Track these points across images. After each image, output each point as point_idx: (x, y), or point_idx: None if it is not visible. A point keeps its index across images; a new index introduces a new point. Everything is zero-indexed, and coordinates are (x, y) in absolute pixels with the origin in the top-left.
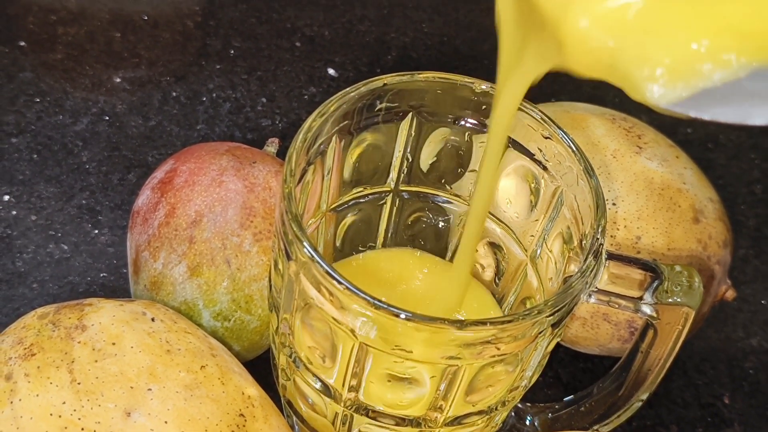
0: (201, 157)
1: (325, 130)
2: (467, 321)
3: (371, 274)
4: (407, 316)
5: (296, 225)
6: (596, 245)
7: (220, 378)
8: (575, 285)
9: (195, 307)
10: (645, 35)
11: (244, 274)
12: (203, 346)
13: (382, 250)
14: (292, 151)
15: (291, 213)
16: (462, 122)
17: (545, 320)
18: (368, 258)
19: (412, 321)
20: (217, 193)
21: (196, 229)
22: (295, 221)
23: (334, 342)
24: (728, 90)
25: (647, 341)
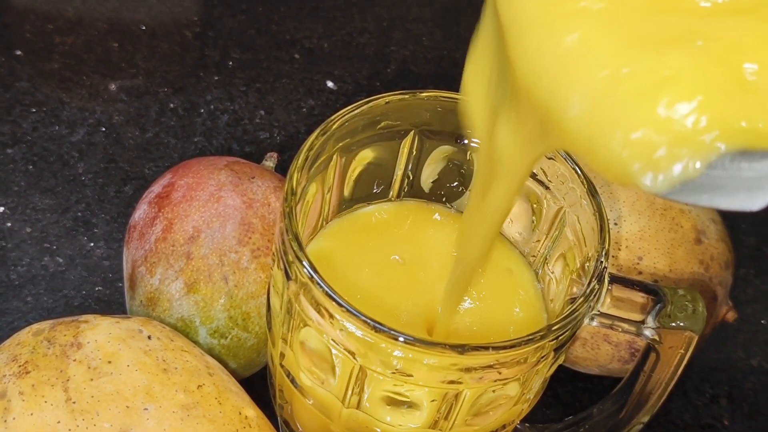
0: (199, 172)
1: (326, 148)
2: (468, 346)
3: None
4: (407, 339)
5: (296, 244)
6: (600, 269)
7: (217, 398)
8: (579, 309)
9: (192, 324)
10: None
11: (242, 291)
12: (200, 365)
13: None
14: (293, 169)
15: (291, 232)
16: (464, 141)
17: (548, 345)
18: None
19: (411, 345)
20: (215, 208)
21: (194, 245)
22: (295, 241)
23: (332, 363)
24: (721, 178)
25: (649, 364)
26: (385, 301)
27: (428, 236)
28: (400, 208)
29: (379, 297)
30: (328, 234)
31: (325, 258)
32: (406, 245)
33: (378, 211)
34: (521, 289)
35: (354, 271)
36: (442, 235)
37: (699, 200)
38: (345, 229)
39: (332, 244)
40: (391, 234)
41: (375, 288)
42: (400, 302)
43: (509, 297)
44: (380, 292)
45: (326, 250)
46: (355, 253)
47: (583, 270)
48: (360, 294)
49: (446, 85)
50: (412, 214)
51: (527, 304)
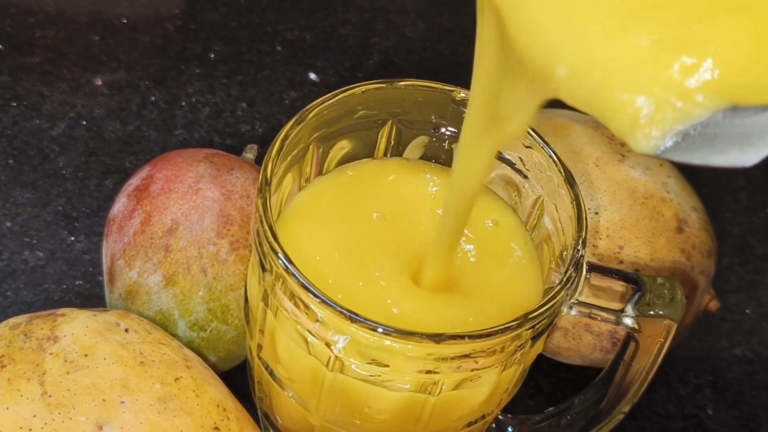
0: (178, 164)
1: (302, 138)
2: (445, 335)
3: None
4: (384, 330)
5: (272, 236)
6: (577, 257)
7: (194, 390)
8: (556, 297)
9: (170, 316)
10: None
11: (221, 283)
12: (178, 358)
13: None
14: (268, 159)
15: (266, 223)
16: (442, 130)
17: (525, 333)
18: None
19: (389, 335)
20: (194, 200)
21: (172, 238)
22: (270, 232)
23: (310, 356)
24: (714, 134)
25: (629, 353)
26: (367, 256)
27: (411, 192)
28: (382, 166)
29: (362, 253)
30: (307, 193)
31: (306, 216)
32: (388, 202)
33: (359, 170)
34: (512, 240)
35: (335, 229)
36: (424, 190)
37: (692, 158)
38: (325, 188)
39: (312, 203)
40: (373, 191)
41: (357, 244)
42: (383, 256)
43: (498, 248)
44: (362, 248)
45: (306, 208)
46: (336, 211)
47: (561, 259)
48: (339, 252)
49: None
50: (395, 171)
51: (517, 257)
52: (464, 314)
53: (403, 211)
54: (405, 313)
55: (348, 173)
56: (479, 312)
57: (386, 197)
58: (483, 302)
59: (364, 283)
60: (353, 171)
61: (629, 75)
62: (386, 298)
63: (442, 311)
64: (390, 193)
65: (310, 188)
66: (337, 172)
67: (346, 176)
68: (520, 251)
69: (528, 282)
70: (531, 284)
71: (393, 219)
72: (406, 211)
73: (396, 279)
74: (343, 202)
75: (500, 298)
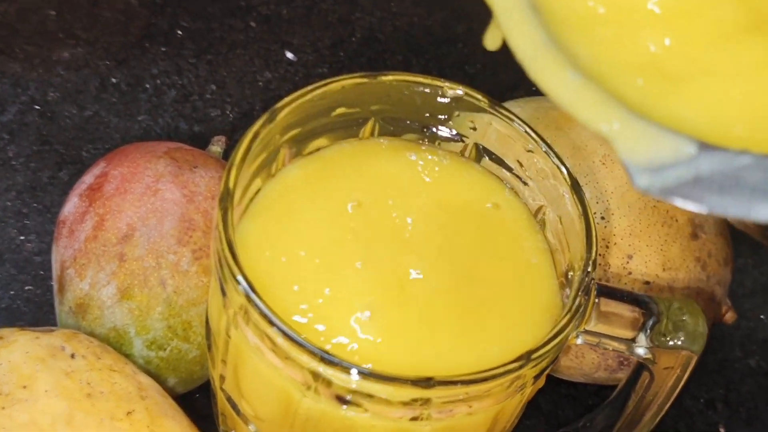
0: (135, 161)
1: (272, 139)
2: (434, 380)
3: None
4: (361, 371)
5: (231, 258)
6: (587, 281)
7: (149, 426)
8: (564, 331)
9: (126, 334)
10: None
11: (182, 297)
12: (131, 387)
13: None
14: (232, 164)
15: (226, 241)
16: (433, 130)
17: (528, 373)
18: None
19: (367, 379)
20: (152, 203)
21: (128, 245)
22: (230, 253)
23: (278, 394)
24: (723, 179)
25: (642, 384)
26: (339, 256)
27: (394, 175)
28: (360, 147)
29: (333, 252)
30: (275, 183)
31: (272, 210)
32: (366, 188)
33: (334, 152)
34: (518, 229)
35: (303, 224)
36: (411, 173)
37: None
38: (295, 176)
39: (280, 194)
40: (349, 176)
41: (328, 241)
42: (359, 256)
43: (502, 240)
44: (334, 246)
45: (273, 201)
46: (305, 202)
47: (566, 279)
48: (308, 251)
49: (416, 55)
50: (375, 152)
51: (526, 252)
52: (462, 332)
53: (384, 198)
54: (387, 332)
55: (321, 157)
56: (480, 329)
57: (364, 182)
58: (485, 317)
59: (334, 292)
60: (327, 154)
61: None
62: (363, 312)
63: (434, 331)
64: (369, 178)
65: (279, 177)
66: (309, 158)
67: (319, 160)
68: (529, 244)
69: (540, 285)
70: (543, 287)
71: (372, 209)
72: (388, 199)
73: (376, 285)
74: (313, 191)
75: (506, 310)
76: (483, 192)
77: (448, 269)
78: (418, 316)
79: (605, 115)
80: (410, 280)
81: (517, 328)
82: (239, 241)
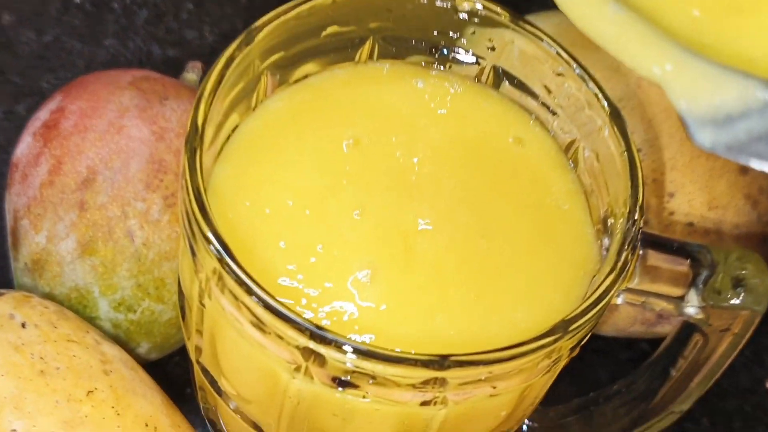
0: (96, 93)
1: (251, 65)
2: (451, 359)
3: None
4: (360, 350)
5: (200, 211)
6: (633, 232)
7: (114, 406)
8: (606, 294)
9: (89, 294)
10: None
11: (153, 251)
12: (93, 361)
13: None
14: (201, 96)
15: (193, 192)
16: (442, 51)
17: (563, 345)
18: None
19: (367, 358)
20: (116, 142)
21: (88, 192)
22: (198, 207)
23: (263, 374)
24: None
25: (692, 347)
26: (333, 205)
27: (398, 106)
28: (357, 74)
29: (326, 199)
30: (257, 118)
31: (253, 151)
32: (365, 121)
33: (326, 80)
34: (545, 169)
35: (291, 167)
36: (418, 102)
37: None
38: (280, 109)
39: (262, 132)
40: (344, 108)
41: (320, 187)
42: (357, 204)
43: (528, 182)
44: (327, 192)
45: (254, 139)
46: (293, 140)
47: (604, 226)
48: (295, 199)
49: None
50: (374, 79)
51: (556, 197)
52: (481, 295)
53: (385, 135)
54: (392, 297)
55: (310, 86)
56: (502, 291)
57: (362, 116)
58: (508, 276)
59: (327, 248)
60: (317, 82)
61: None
62: (362, 272)
63: (447, 294)
64: (367, 110)
65: (260, 111)
66: (296, 87)
67: (308, 90)
68: (559, 186)
69: (573, 235)
70: (577, 238)
71: (372, 147)
72: (390, 136)
73: (377, 240)
74: (302, 128)
75: (533, 267)
76: (503, 125)
77: (463, 219)
78: (427, 277)
79: (656, 54)
80: (418, 233)
81: (546, 289)
82: (212, 190)
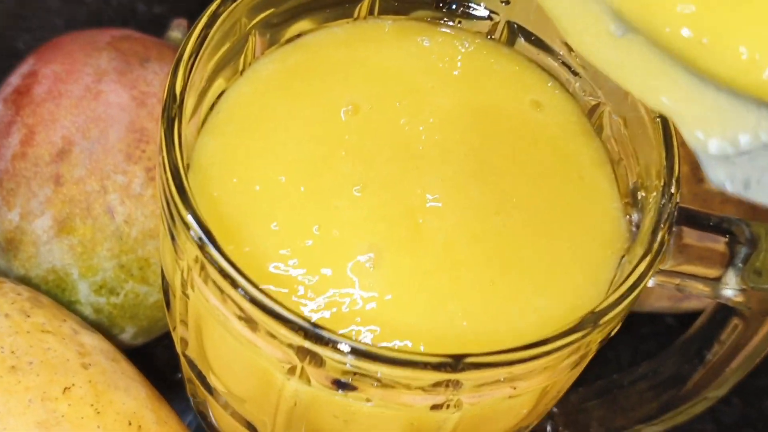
0: (71, 55)
1: (236, 24)
2: (466, 360)
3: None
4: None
5: (178, 192)
6: (669, 209)
7: (93, 404)
8: (641, 281)
9: (68, 276)
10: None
11: (135, 228)
12: (69, 353)
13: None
14: (179, 60)
15: (170, 167)
16: (451, 6)
17: (592, 339)
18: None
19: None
20: (93, 108)
21: (64, 164)
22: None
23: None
24: None
25: (729, 332)
26: (331, 181)
27: (402, 67)
28: (355, 32)
29: (323, 174)
30: (245, 83)
31: (241, 120)
32: (365, 85)
33: (321, 39)
34: (562, 126)
35: (283, 137)
36: (424, 63)
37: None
38: (271, 73)
39: (251, 98)
40: (342, 69)
41: (316, 160)
42: (358, 179)
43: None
44: (325, 166)
45: (242, 107)
46: (285, 107)
47: (633, 199)
48: (288, 175)
49: None
50: (375, 37)
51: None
52: (497, 280)
53: (388, 100)
54: (397, 284)
55: (304, 46)
56: (521, 275)
57: (362, 79)
58: (527, 257)
59: (325, 229)
60: (312, 42)
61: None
62: (364, 255)
63: (460, 279)
64: (368, 73)
65: (249, 75)
66: (288, 48)
67: (301, 51)
68: (582, 154)
69: (598, 209)
70: (603, 212)
71: (373, 114)
72: (393, 100)
73: (381, 219)
74: (295, 93)
75: (555, 247)
76: (519, 87)
77: (476, 194)
78: (437, 260)
79: (663, 83)
80: (426, 210)
81: (570, 271)
82: (196, 165)
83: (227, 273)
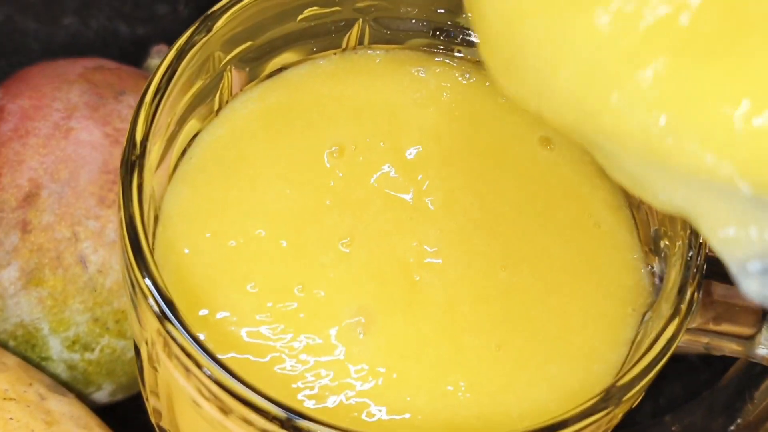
0: (39, 89)
1: (210, 59)
2: None
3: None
4: None
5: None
6: (698, 262)
7: None
8: (667, 346)
9: (37, 332)
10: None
11: (110, 278)
12: (35, 423)
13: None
14: (142, 100)
15: (128, 227)
16: (449, 33)
17: (615, 414)
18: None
19: None
20: (63, 148)
21: (32, 210)
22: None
23: None
24: None
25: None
26: (315, 234)
27: (398, 105)
28: (343, 65)
29: (307, 227)
30: (220, 124)
31: (216, 166)
32: (353, 125)
33: (304, 73)
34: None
35: (262, 185)
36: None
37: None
38: (249, 112)
39: (226, 140)
40: (328, 108)
41: (299, 210)
42: (345, 232)
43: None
44: (308, 217)
45: (217, 150)
46: (264, 150)
47: (655, 247)
48: (268, 228)
49: None
50: (365, 70)
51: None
52: (504, 346)
53: (379, 140)
54: (390, 353)
55: (286, 81)
56: (531, 340)
57: (349, 117)
58: (537, 319)
59: (309, 291)
60: (294, 77)
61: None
62: (353, 320)
63: (462, 347)
64: (356, 110)
65: (225, 116)
66: (269, 84)
67: (282, 87)
68: (597, 197)
69: (615, 260)
70: (620, 264)
71: (361, 156)
72: (384, 141)
73: (371, 278)
74: (277, 134)
75: (569, 306)
76: (527, 123)
77: (480, 246)
78: (436, 324)
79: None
80: (423, 266)
81: (587, 333)
82: (165, 218)
83: (190, 353)
